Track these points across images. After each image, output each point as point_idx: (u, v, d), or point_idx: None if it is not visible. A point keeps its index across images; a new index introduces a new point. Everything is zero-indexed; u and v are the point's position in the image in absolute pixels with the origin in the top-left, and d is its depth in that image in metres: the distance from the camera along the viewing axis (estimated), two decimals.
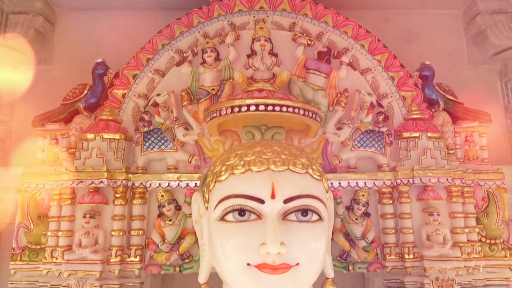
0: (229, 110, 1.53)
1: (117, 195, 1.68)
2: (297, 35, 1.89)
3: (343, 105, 1.81)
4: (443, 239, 1.66)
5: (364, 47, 1.91)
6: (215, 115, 1.58)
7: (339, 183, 1.71)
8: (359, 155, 1.79)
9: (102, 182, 1.63)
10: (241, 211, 1.08)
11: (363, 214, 1.72)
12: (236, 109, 1.52)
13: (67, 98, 1.94)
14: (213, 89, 1.82)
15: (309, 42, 1.89)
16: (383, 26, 2.31)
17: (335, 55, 1.90)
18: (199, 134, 1.78)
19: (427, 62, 1.98)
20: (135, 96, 1.86)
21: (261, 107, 1.50)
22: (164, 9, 2.25)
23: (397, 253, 1.70)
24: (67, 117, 1.90)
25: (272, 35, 1.85)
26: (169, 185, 1.71)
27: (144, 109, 1.84)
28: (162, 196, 1.71)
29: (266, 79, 1.76)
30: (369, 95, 1.83)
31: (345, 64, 1.87)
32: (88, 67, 1.96)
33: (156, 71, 1.88)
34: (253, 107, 1.50)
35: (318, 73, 1.83)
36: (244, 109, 1.51)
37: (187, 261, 1.70)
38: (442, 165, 1.70)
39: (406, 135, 1.77)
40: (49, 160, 1.83)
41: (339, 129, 1.81)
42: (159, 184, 1.70)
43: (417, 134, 1.76)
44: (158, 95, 1.81)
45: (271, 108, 1.50)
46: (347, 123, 1.81)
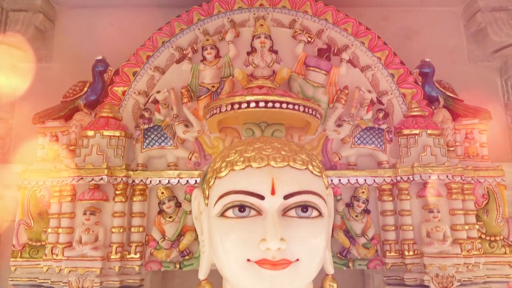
0: (229, 106, 1.53)
1: (117, 192, 1.69)
2: (297, 32, 1.90)
3: (343, 102, 1.81)
4: (443, 236, 1.66)
5: (364, 44, 1.91)
6: (215, 112, 1.58)
7: (339, 180, 1.72)
8: (359, 152, 1.79)
9: (102, 179, 1.63)
10: (241, 207, 1.08)
11: (363, 211, 1.73)
12: (236, 106, 1.52)
13: (67, 95, 1.94)
14: (213, 86, 1.82)
15: (309, 39, 1.89)
16: (383, 23, 2.31)
17: (335, 52, 1.90)
18: (199, 131, 1.79)
19: (427, 59, 1.98)
20: (135, 93, 1.86)
21: (261, 104, 1.50)
22: (164, 6, 2.25)
23: (397, 250, 1.70)
24: (67, 114, 1.90)
25: (272, 32, 1.86)
26: (169, 182, 1.71)
27: (144, 106, 1.85)
28: (162, 193, 1.71)
29: (266, 76, 1.77)
30: (369, 92, 1.83)
31: (345, 61, 1.88)
32: (88, 65, 1.96)
33: (156, 68, 1.88)
34: (253, 104, 1.50)
35: (318, 70, 1.83)
36: (244, 105, 1.51)
37: (187, 258, 1.71)
38: (442, 162, 1.70)
39: (406, 132, 1.77)
40: (49, 157, 1.84)
41: (339, 126, 1.81)
42: (159, 181, 1.71)
43: (417, 131, 1.76)
44: (158, 92, 1.82)
45: (271, 104, 1.50)
46: (347, 120, 1.81)
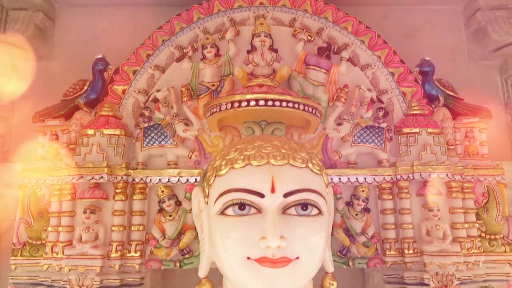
0: (229, 105, 1.53)
1: (118, 191, 1.69)
2: (297, 31, 1.90)
3: (343, 100, 1.81)
4: (443, 235, 1.66)
5: (364, 43, 1.91)
6: (215, 110, 1.58)
7: (339, 179, 1.71)
8: (359, 150, 1.79)
9: (102, 177, 1.63)
10: (241, 205, 1.08)
11: (363, 209, 1.73)
12: (236, 104, 1.52)
13: (67, 94, 1.94)
14: (213, 85, 1.82)
15: (309, 37, 1.89)
16: (383, 22, 2.30)
17: (335, 50, 1.90)
18: (199, 129, 1.79)
19: (427, 58, 1.98)
20: (135, 92, 1.86)
21: (261, 102, 1.50)
22: (164, 5, 2.25)
23: (397, 248, 1.70)
24: (68, 113, 1.90)
25: (272, 31, 1.86)
26: (169, 181, 1.71)
27: (144, 105, 1.85)
28: (162, 191, 1.71)
29: (266, 75, 1.77)
30: (369, 90, 1.83)
31: (345, 59, 1.88)
32: (88, 63, 1.95)
33: (156, 67, 1.88)
34: (253, 102, 1.50)
35: (318, 69, 1.83)
36: (244, 104, 1.51)
37: (187, 256, 1.71)
38: (442, 161, 1.70)
39: (406, 130, 1.77)
40: (49, 155, 1.83)
41: (339, 124, 1.81)
42: (159, 179, 1.71)
43: (417, 129, 1.76)
44: (158, 91, 1.81)
45: (271, 103, 1.50)
46: (347, 118, 1.81)
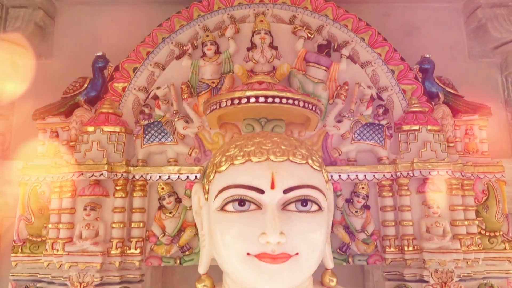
0: (229, 102, 1.53)
1: (118, 188, 1.69)
2: (297, 28, 1.89)
3: (343, 98, 1.81)
4: (443, 232, 1.67)
5: (364, 40, 1.91)
6: (215, 107, 1.58)
7: (339, 176, 1.71)
8: (359, 148, 1.79)
9: (102, 174, 1.64)
10: (241, 201, 1.08)
11: (363, 206, 1.73)
12: (236, 101, 1.52)
13: (68, 91, 1.95)
14: (213, 82, 1.82)
15: (309, 35, 1.89)
16: (383, 19, 2.30)
17: (335, 48, 1.89)
18: (199, 127, 1.79)
19: (427, 55, 1.98)
20: (135, 89, 1.86)
21: (261, 99, 1.50)
22: (164, 2, 2.24)
23: (397, 245, 1.70)
24: (68, 110, 1.91)
25: (272, 28, 1.85)
26: (169, 178, 1.71)
27: (144, 102, 1.85)
28: (162, 188, 1.72)
29: (266, 72, 1.77)
30: (369, 88, 1.83)
31: (345, 57, 1.87)
32: (88, 61, 1.96)
33: (156, 64, 1.88)
34: (253, 99, 1.50)
35: (318, 66, 1.83)
36: (244, 101, 1.51)
37: (187, 253, 1.71)
38: (442, 158, 1.71)
39: (406, 128, 1.78)
40: (49, 153, 1.84)
41: (339, 122, 1.81)
42: (159, 176, 1.71)
43: (417, 127, 1.76)
44: (158, 88, 1.81)
45: (271, 100, 1.50)
46: (347, 116, 1.81)
